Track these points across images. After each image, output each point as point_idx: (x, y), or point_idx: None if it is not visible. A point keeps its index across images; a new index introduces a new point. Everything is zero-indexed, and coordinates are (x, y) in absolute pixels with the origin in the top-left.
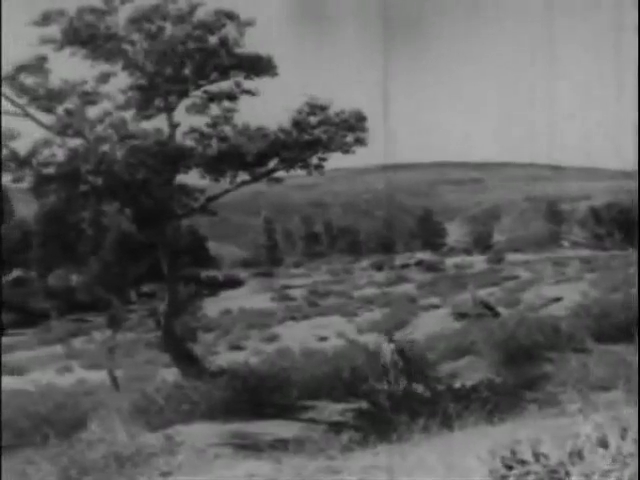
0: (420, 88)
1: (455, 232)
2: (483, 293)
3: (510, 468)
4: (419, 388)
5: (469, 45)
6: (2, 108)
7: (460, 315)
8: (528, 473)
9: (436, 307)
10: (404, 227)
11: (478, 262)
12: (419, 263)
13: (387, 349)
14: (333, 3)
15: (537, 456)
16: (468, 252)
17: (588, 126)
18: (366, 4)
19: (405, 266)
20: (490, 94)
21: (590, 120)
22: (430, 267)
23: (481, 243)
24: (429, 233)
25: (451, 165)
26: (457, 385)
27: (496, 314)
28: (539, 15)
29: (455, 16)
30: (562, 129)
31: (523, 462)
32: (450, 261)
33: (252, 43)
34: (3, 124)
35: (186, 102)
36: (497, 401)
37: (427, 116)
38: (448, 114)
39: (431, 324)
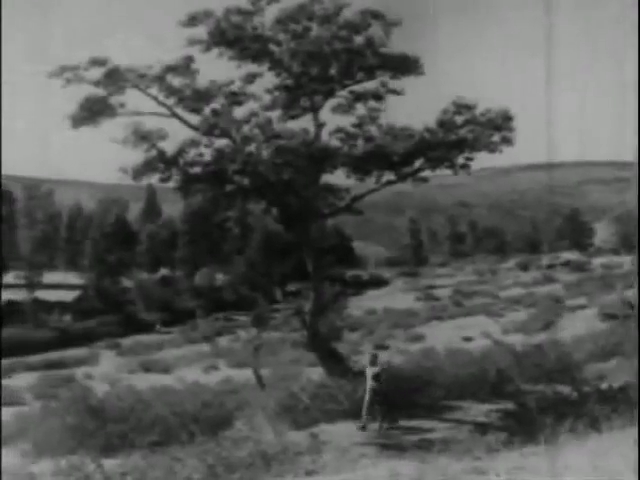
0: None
1: (602, 232)
2: (631, 294)
3: None
4: (565, 389)
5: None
6: (151, 109)
7: (607, 316)
8: None
9: (583, 308)
10: (550, 227)
11: (626, 262)
12: (566, 263)
13: (369, 373)
14: None
15: None
16: (615, 252)
17: None
18: None
19: (551, 266)
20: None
21: None
22: (577, 267)
23: (628, 243)
24: (576, 233)
25: (597, 164)
26: (604, 386)
27: None
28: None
29: None
30: None
31: None
32: (597, 261)
33: (398, 42)
34: (152, 124)
35: (332, 102)
36: None
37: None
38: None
39: (577, 325)
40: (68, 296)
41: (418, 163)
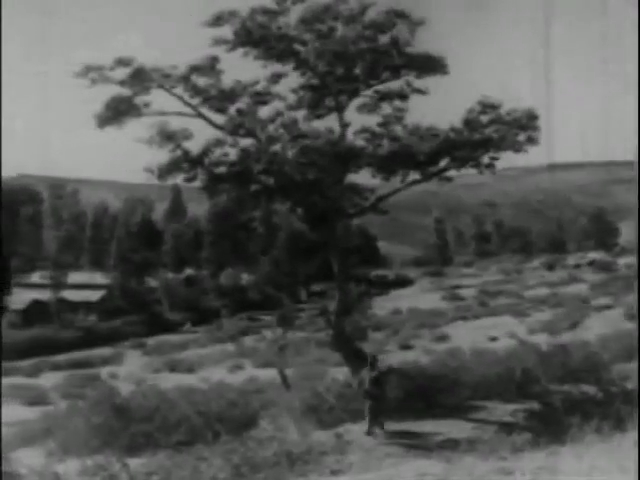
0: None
1: (627, 232)
2: None
3: None
4: (591, 390)
5: None
6: (176, 109)
7: (632, 316)
8: None
9: (608, 308)
10: (576, 227)
11: None
12: (591, 263)
13: (366, 376)
14: None
15: None
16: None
17: None
18: None
19: (577, 266)
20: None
21: None
22: (603, 267)
23: None
24: (601, 233)
25: (622, 164)
26: (630, 387)
27: None
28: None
29: None
30: None
31: None
32: (622, 261)
33: (423, 42)
34: (177, 124)
35: (357, 101)
36: None
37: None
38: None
39: (603, 325)
40: (93, 296)
41: (443, 162)
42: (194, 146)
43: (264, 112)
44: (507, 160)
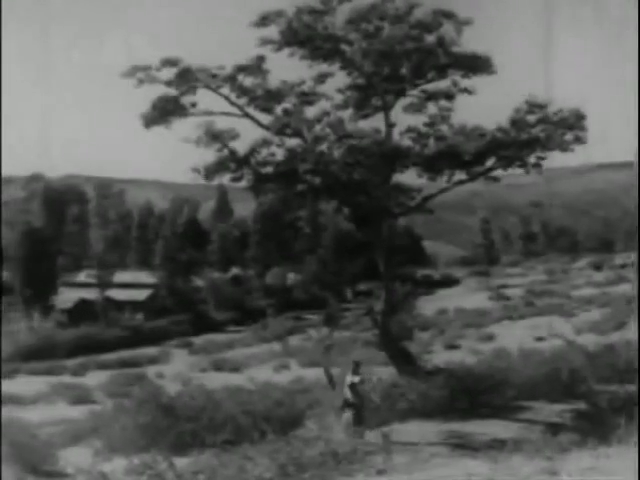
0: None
1: None
2: None
3: None
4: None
5: None
6: (222, 109)
7: None
8: None
9: None
10: (623, 227)
11: None
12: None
13: (348, 381)
14: None
15: None
16: None
17: None
18: None
19: (624, 266)
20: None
21: None
22: None
23: None
24: None
25: None
26: None
27: None
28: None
29: None
30: None
31: None
32: None
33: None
34: (224, 124)
35: (403, 101)
36: None
37: None
38: None
39: None
40: (140, 295)
41: (490, 162)
42: (240, 146)
43: (310, 112)
44: (552, 160)
